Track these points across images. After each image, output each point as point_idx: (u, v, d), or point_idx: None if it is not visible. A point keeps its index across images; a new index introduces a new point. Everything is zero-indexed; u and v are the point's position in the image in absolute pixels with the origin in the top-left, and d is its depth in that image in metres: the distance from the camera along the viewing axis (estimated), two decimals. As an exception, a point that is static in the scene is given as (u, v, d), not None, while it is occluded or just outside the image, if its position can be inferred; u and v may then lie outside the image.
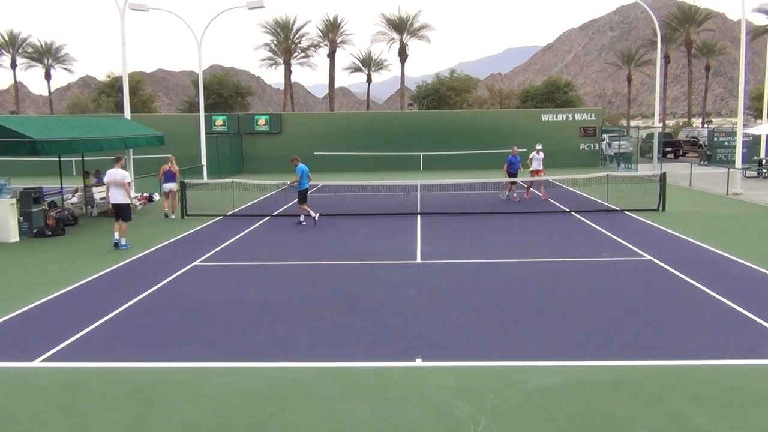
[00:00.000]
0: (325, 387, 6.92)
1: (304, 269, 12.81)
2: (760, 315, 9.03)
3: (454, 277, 11.81)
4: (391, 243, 15.19)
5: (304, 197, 18.50)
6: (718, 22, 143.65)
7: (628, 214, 19.21)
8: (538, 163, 23.33)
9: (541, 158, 23.47)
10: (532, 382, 6.94)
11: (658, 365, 7.35)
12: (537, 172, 23.27)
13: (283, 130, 40.56)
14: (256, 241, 16.00)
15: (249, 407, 6.43)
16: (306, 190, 18.56)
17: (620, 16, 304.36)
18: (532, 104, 59.67)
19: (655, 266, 12.32)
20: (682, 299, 10.05)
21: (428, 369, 7.39)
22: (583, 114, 41.65)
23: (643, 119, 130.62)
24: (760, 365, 7.32)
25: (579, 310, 9.53)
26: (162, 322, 9.35)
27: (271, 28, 67.49)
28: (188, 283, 11.74)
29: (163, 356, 7.93)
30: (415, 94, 67.11)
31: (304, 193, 18.49)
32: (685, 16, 72.40)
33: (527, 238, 15.59)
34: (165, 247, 15.31)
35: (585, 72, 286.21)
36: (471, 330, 8.71)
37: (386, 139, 40.15)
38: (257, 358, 7.81)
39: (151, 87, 78.76)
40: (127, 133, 21.53)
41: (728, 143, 37.96)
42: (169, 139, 25.72)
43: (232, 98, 63.41)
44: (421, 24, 69.46)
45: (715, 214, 19.30)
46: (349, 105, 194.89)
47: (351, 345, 8.23)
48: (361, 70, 75.33)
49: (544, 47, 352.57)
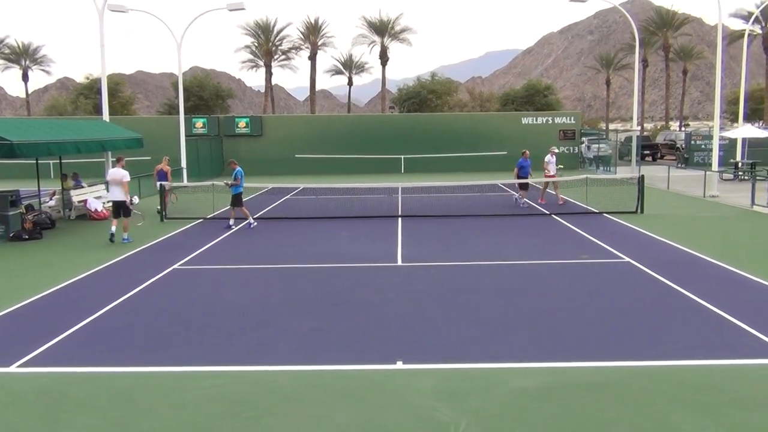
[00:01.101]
0: (306, 391, 6.91)
1: (285, 272, 12.78)
2: (735, 315, 9.16)
3: (435, 279, 11.85)
4: (372, 246, 15.20)
5: (239, 200, 18.40)
6: (695, 26, 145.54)
7: (606, 216, 19.39)
8: (553, 166, 22.78)
9: (554, 161, 22.92)
10: (512, 383, 6.98)
11: (635, 366, 7.43)
12: (553, 176, 22.74)
13: (263, 132, 40.43)
14: (235, 244, 15.92)
15: (229, 412, 6.40)
16: (241, 194, 18.47)
17: (599, 21, 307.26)
18: (513, 107, 60.01)
19: (633, 268, 12.45)
20: (660, 300, 10.17)
21: (409, 372, 7.40)
22: (562, 117, 42.02)
23: (622, 122, 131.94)
24: (734, 365, 7.42)
25: (558, 312, 9.60)
26: (141, 326, 9.27)
27: (251, 30, 67.30)
28: (168, 286, 11.66)
29: (143, 361, 7.87)
30: (396, 96, 67.21)
31: (239, 197, 18.39)
32: (663, 20, 73.34)
33: (507, 241, 15.67)
34: (144, 250, 15.19)
35: (565, 75, 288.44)
36: (452, 332, 8.74)
37: (367, 142, 40.20)
38: (238, 362, 7.78)
39: (130, 89, 78.13)
40: (105, 136, 21.34)
41: (705, 146, 38.47)
42: (149, 142, 25.53)
43: (213, 100, 63.07)
44: (401, 27, 69.61)
45: (692, 216, 19.55)
46: (330, 107, 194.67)
47: (332, 348, 8.22)
48: (342, 73, 75.31)
49: (525, 51, 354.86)
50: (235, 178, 18.20)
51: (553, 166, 22.69)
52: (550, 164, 22.58)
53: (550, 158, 22.67)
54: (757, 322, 8.83)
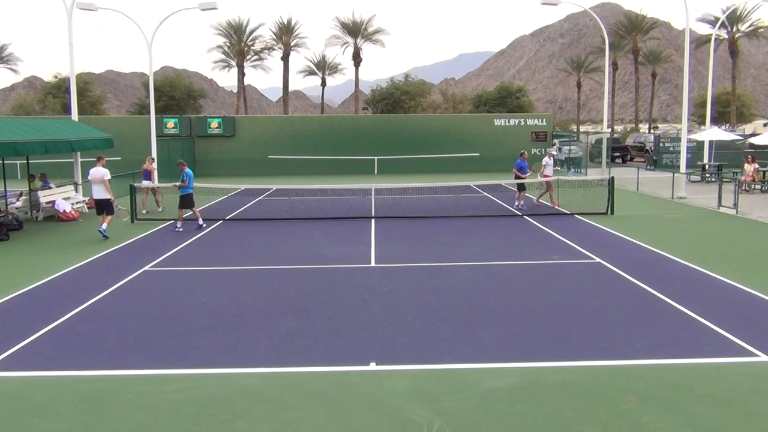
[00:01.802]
0: (279, 393, 6.87)
1: (258, 274, 12.70)
2: (702, 314, 9.33)
3: (408, 280, 11.87)
4: (345, 247, 15.18)
5: (188, 201, 18.29)
6: (664, 30, 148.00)
7: (577, 217, 19.61)
8: (551, 168, 22.74)
9: (552, 163, 22.88)
10: (485, 383, 7.02)
11: (606, 365, 7.52)
12: (546, 176, 22.50)
13: (236, 133, 40.16)
14: (208, 246, 15.78)
15: (201, 415, 6.34)
16: (190, 195, 18.35)
17: (570, 24, 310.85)
18: (485, 109, 60.43)
19: (604, 268, 12.60)
20: (629, 300, 10.31)
21: (383, 373, 7.40)
22: (534, 119, 42.44)
23: (593, 125, 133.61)
24: (702, 364, 7.55)
25: (530, 313, 9.68)
26: (111, 328, 9.14)
27: (224, 30, 66.83)
28: (138, 288, 11.51)
29: (112, 364, 7.75)
30: (370, 98, 67.31)
31: (188, 198, 18.28)
32: (632, 24, 74.37)
33: (480, 242, 15.76)
34: (114, 252, 14.98)
35: (536, 78, 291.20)
36: (425, 333, 8.76)
37: (341, 143, 40.16)
38: (209, 364, 7.71)
39: (99, 88, 77.15)
40: (74, 136, 21.02)
41: (673, 148, 39.12)
42: (119, 142, 25.21)
43: (184, 100, 62.52)
44: (375, 28, 69.68)
45: (660, 217, 19.85)
46: (304, 108, 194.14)
47: (305, 350, 8.19)
48: (315, 74, 75.10)
49: (497, 53, 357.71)
50: (183, 180, 18.08)
51: (551, 168, 22.62)
52: (547, 166, 22.52)
53: (548, 160, 22.65)
54: (723, 321, 9.00)
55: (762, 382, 7.02)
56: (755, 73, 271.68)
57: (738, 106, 68.99)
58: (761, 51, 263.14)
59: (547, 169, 22.48)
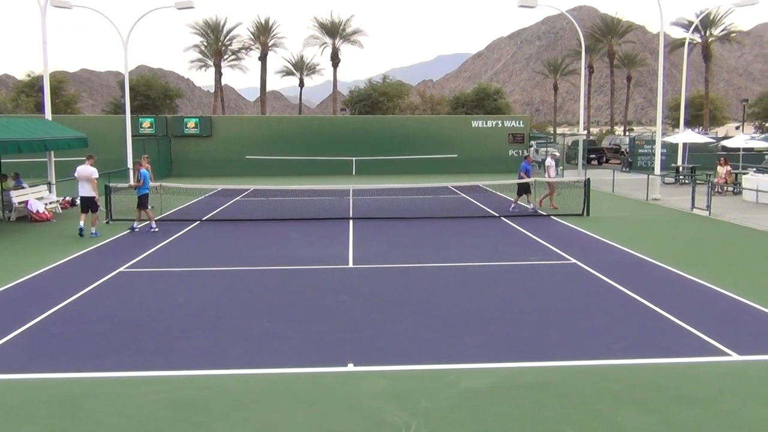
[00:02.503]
0: (256, 395, 6.83)
1: (235, 275, 12.62)
2: (676, 315, 9.46)
3: (386, 281, 11.88)
4: (323, 248, 15.15)
5: (144, 202, 18.16)
6: (639, 34, 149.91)
7: (554, 218, 19.77)
8: (554, 170, 22.59)
9: (554, 165, 22.78)
10: (462, 384, 7.05)
11: (582, 365, 7.59)
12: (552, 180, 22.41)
13: (213, 133, 39.88)
14: (184, 247, 15.65)
15: (177, 418, 6.29)
16: (146, 195, 18.22)
17: (547, 27, 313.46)
18: (463, 111, 60.69)
19: (580, 269, 12.72)
20: (605, 301, 10.42)
21: (360, 374, 7.40)
22: (511, 121, 42.72)
23: (569, 127, 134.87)
24: (677, 364, 7.66)
25: (508, 313, 9.74)
26: (85, 330, 9.02)
27: (200, 30, 66.29)
28: (113, 290, 11.37)
29: (87, 366, 7.65)
30: (348, 98, 67.25)
31: (144, 198, 18.15)
32: (608, 27, 75.25)
33: (458, 243, 15.82)
34: (88, 253, 14.79)
35: (514, 80, 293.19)
36: (403, 334, 8.78)
37: (319, 144, 40.07)
38: (186, 366, 7.64)
39: (74, 87, 76.06)
40: (47, 135, 20.71)
41: (648, 151, 39.64)
42: (94, 142, 24.88)
43: (160, 100, 61.95)
44: (353, 29, 69.66)
45: (635, 218, 20.09)
46: (281, 109, 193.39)
47: (283, 351, 8.15)
48: (293, 74, 74.85)
49: (475, 55, 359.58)
50: (138, 180, 18.00)
51: (554, 170, 22.41)
52: (551, 168, 22.38)
53: (551, 161, 22.50)
54: (696, 322, 9.13)
55: (734, 381, 7.13)
56: (728, 77, 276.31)
57: (711, 110, 70.11)
58: (733, 55, 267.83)
59: (551, 170, 22.35)
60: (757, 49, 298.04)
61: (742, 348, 8.06)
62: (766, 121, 72.12)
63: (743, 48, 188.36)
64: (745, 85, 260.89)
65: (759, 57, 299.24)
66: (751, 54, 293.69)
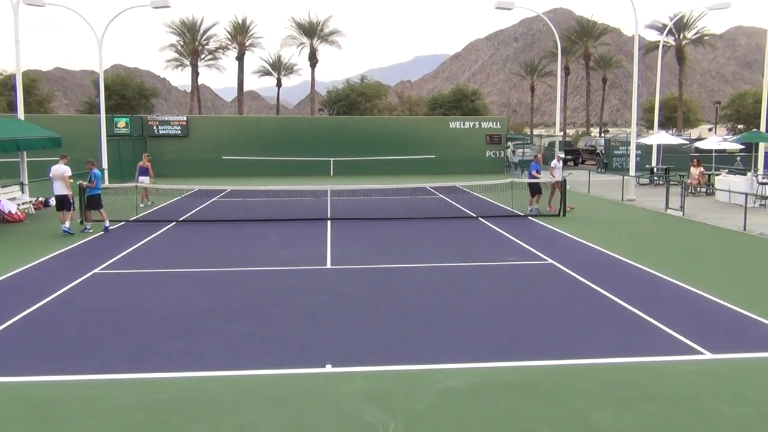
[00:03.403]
0: (233, 396, 6.79)
1: (212, 276, 12.54)
2: (651, 314, 9.58)
3: (364, 282, 11.88)
4: (301, 249, 15.11)
5: (96, 202, 18.03)
6: (614, 37, 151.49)
7: (531, 219, 19.91)
8: (559, 172, 22.05)
9: (560, 166, 22.43)
10: (440, 384, 7.07)
11: (559, 365, 7.66)
12: (558, 182, 21.73)
13: (189, 133, 39.56)
14: (160, 248, 15.51)
15: (153, 420, 6.23)
16: (98, 195, 18.08)
17: (524, 28, 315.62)
18: (441, 111, 60.88)
19: (556, 269, 12.83)
20: (581, 301, 10.52)
21: (339, 375, 7.39)
22: (489, 122, 42.94)
23: (546, 128, 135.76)
24: (651, 362, 7.76)
25: (485, 313, 9.79)
26: (60, 332, 8.90)
27: (177, 29, 65.75)
28: (88, 291, 11.23)
29: (61, 369, 7.55)
30: (326, 99, 67.11)
31: (94, 198, 18.01)
32: (584, 30, 76.01)
33: (436, 243, 15.86)
34: (63, 254, 14.60)
35: (491, 81, 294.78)
36: (381, 334, 8.78)
37: (296, 144, 39.95)
38: (162, 368, 7.57)
39: (47, 86, 75.06)
40: (20, 135, 20.40)
41: (623, 152, 40.09)
42: (68, 142, 24.55)
43: (136, 100, 61.33)
44: (331, 29, 69.57)
45: (611, 219, 20.31)
46: (259, 109, 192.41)
47: (260, 352, 8.12)
48: (270, 74, 74.51)
49: (452, 56, 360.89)
50: (90, 180, 17.84)
51: (559, 172, 21.92)
52: (556, 169, 21.97)
53: (557, 163, 22.21)
54: (670, 321, 9.25)
55: (707, 379, 7.24)
56: (701, 80, 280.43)
57: (684, 112, 71.13)
58: (706, 58, 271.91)
59: (555, 172, 21.98)
60: (729, 52, 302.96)
61: (714, 347, 8.19)
62: (738, 123, 73.30)
63: (716, 51, 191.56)
64: (717, 87, 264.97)
65: (731, 60, 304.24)
66: (724, 57, 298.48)
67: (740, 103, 72.04)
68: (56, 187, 17.47)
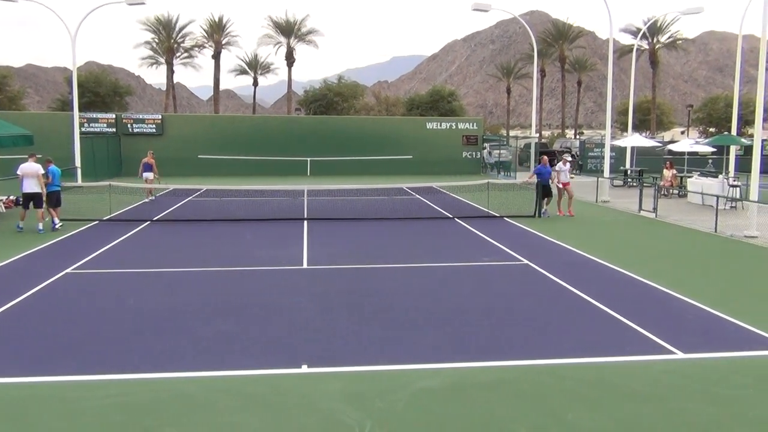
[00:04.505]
0: (209, 398, 6.75)
1: (188, 276, 12.43)
2: (624, 314, 9.70)
3: (341, 282, 11.86)
4: (277, 249, 15.05)
5: (53, 199, 17.85)
6: (589, 40, 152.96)
7: (507, 219, 20.04)
8: (565, 174, 21.77)
9: (567, 169, 22.00)
10: (417, 384, 7.09)
11: (534, 364, 7.72)
12: (566, 185, 21.58)
13: (165, 132, 39.16)
14: (135, 248, 15.34)
15: (129, 422, 6.16)
16: (56, 192, 17.92)
17: (500, 30, 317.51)
18: (418, 112, 61.00)
19: (531, 270, 12.93)
20: (556, 301, 10.62)
21: (315, 375, 7.38)
22: (465, 123, 43.14)
23: (522, 129, 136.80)
24: (625, 361, 7.86)
25: (461, 314, 9.83)
26: (31, 334, 8.76)
27: (152, 26, 65.02)
28: (60, 292, 11.08)
29: (34, 371, 7.43)
30: (303, 98, 66.91)
31: (53, 195, 17.85)
32: (560, 33, 76.72)
33: (413, 244, 15.90)
34: (33, 254, 14.37)
35: (468, 82, 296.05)
36: (358, 335, 8.78)
37: (273, 144, 39.73)
38: (138, 369, 7.49)
39: (19, 83, 73.69)
40: (-9, 132, 20.02)
41: (597, 154, 40.53)
42: (40, 139, 24.17)
43: (110, 97, 60.55)
44: (308, 29, 69.31)
45: (585, 220, 20.50)
46: (235, 108, 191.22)
47: (237, 353, 8.07)
48: (247, 73, 74.06)
49: (430, 57, 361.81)
50: (47, 177, 17.70)
51: (565, 175, 21.66)
52: (561, 173, 21.61)
53: (561, 166, 21.84)
54: (643, 321, 9.38)
55: (679, 378, 7.35)
56: (674, 83, 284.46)
57: (658, 114, 72.11)
58: (679, 62, 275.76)
59: (561, 175, 21.64)
60: (701, 57, 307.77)
61: (686, 346, 8.32)
62: (710, 126, 74.48)
63: (689, 55, 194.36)
64: (690, 91, 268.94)
65: (703, 64, 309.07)
66: (696, 61, 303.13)
67: (712, 107, 73.17)
68: (28, 184, 17.23)
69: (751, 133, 55.31)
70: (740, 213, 21.48)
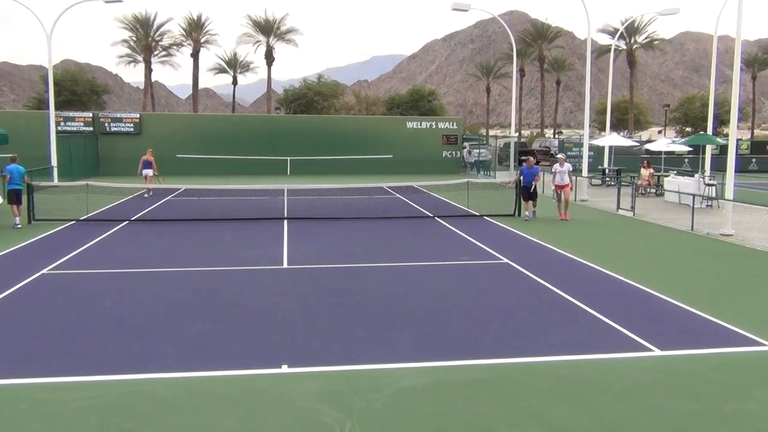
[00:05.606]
0: (188, 399, 6.69)
1: (166, 276, 12.32)
2: (602, 312, 9.78)
3: (321, 282, 11.83)
4: (257, 248, 14.97)
5: (14, 197, 17.88)
6: (568, 40, 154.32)
7: (487, 219, 20.11)
8: (561, 176, 20.73)
9: (566, 171, 20.84)
10: (397, 384, 7.09)
11: (514, 363, 7.76)
12: (563, 187, 20.62)
13: (143, 131, 38.78)
14: (112, 248, 15.18)
15: (105, 424, 6.09)
16: (15, 191, 17.94)
17: (480, 30, 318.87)
18: (398, 111, 61.06)
19: (511, 269, 12.99)
20: (535, 300, 10.68)
21: (294, 375, 7.35)
22: (445, 122, 43.22)
23: (501, 129, 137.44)
24: (603, 359, 7.92)
25: (441, 312, 9.85)
26: (5, 335, 8.62)
27: (129, 24, 64.31)
28: (36, 293, 10.92)
29: (8, 372, 7.31)
30: (283, 97, 66.68)
31: (12, 194, 17.90)
32: (539, 32, 77.21)
33: (393, 243, 15.90)
34: (8, 254, 14.15)
35: (447, 82, 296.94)
36: (337, 334, 8.76)
37: (253, 143, 39.50)
38: (114, 371, 7.41)
39: (-7, 81, 72.63)
40: (-36, 131, 19.72)
41: (576, 153, 40.81)
42: (15, 138, 23.83)
43: (87, 96, 59.86)
44: (288, 27, 69.03)
45: (564, 218, 20.62)
46: (214, 107, 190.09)
47: (215, 354, 8.01)
48: (226, 72, 73.63)
49: (410, 56, 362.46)
50: (5, 176, 17.86)
51: (563, 176, 20.68)
52: (557, 174, 20.82)
53: (558, 167, 20.93)
54: (621, 318, 9.47)
55: (656, 375, 7.42)
56: (651, 83, 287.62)
57: (635, 114, 72.85)
58: (656, 62, 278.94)
59: (557, 176, 20.86)
60: (678, 57, 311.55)
61: (663, 343, 8.40)
62: (686, 126, 75.42)
63: (665, 55, 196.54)
64: (667, 90, 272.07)
65: (680, 64, 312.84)
66: (673, 61, 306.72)
67: (688, 107, 74.13)
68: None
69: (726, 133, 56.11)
70: (716, 211, 21.75)
